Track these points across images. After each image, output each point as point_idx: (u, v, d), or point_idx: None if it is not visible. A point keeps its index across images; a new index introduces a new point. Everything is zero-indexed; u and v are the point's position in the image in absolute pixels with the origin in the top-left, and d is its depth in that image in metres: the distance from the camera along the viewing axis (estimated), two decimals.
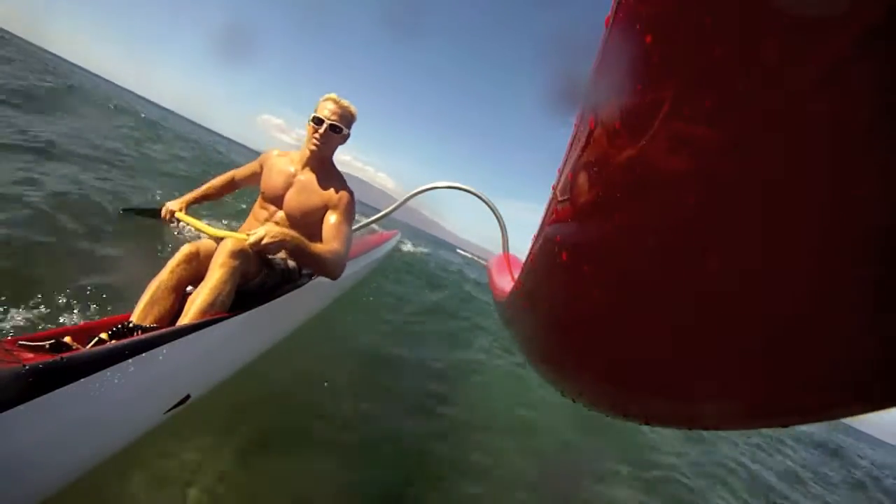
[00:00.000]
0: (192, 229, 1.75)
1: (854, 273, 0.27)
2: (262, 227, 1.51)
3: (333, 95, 1.86)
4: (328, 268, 1.70)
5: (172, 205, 1.87)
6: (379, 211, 3.99)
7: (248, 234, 1.48)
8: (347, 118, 1.87)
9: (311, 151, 1.84)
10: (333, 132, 1.84)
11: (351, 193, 1.87)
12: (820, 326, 0.30)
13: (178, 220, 1.81)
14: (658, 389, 0.49)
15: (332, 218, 1.81)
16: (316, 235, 1.78)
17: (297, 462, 1.52)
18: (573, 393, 0.68)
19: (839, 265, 0.28)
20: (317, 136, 1.82)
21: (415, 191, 4.21)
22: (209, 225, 1.65)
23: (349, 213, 1.85)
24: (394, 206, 4.02)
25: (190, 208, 1.91)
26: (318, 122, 1.82)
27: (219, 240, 1.53)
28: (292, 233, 1.57)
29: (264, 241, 1.47)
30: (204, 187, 2.05)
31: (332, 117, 1.82)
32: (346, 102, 1.87)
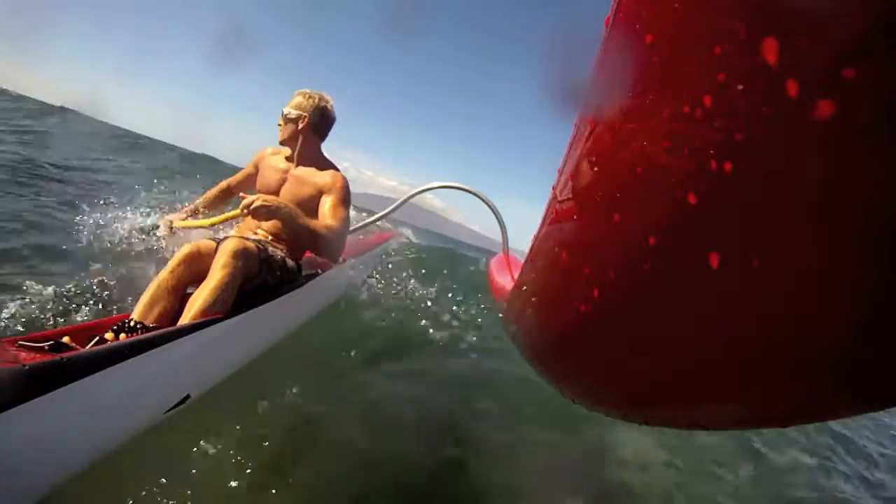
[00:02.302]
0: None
1: (853, 273, 0.27)
2: (254, 196, 1.58)
3: (306, 90, 1.92)
4: (324, 244, 1.73)
5: (170, 217, 1.93)
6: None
7: (247, 204, 1.55)
8: (320, 110, 1.93)
9: (297, 148, 1.91)
10: (313, 132, 1.92)
11: (344, 178, 1.92)
12: (819, 326, 0.30)
13: (178, 229, 1.86)
14: (657, 390, 0.49)
15: (327, 201, 1.85)
16: None
17: (297, 462, 1.52)
18: (572, 393, 0.68)
19: (838, 266, 0.28)
20: (297, 134, 1.89)
21: (415, 191, 4.21)
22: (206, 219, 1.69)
23: (344, 196, 1.89)
24: (393, 206, 4.02)
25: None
26: (289, 120, 1.89)
27: (219, 240, 1.54)
28: (286, 202, 1.63)
29: (255, 205, 1.53)
30: (198, 201, 2.08)
31: (300, 112, 1.89)
32: (317, 96, 1.93)
